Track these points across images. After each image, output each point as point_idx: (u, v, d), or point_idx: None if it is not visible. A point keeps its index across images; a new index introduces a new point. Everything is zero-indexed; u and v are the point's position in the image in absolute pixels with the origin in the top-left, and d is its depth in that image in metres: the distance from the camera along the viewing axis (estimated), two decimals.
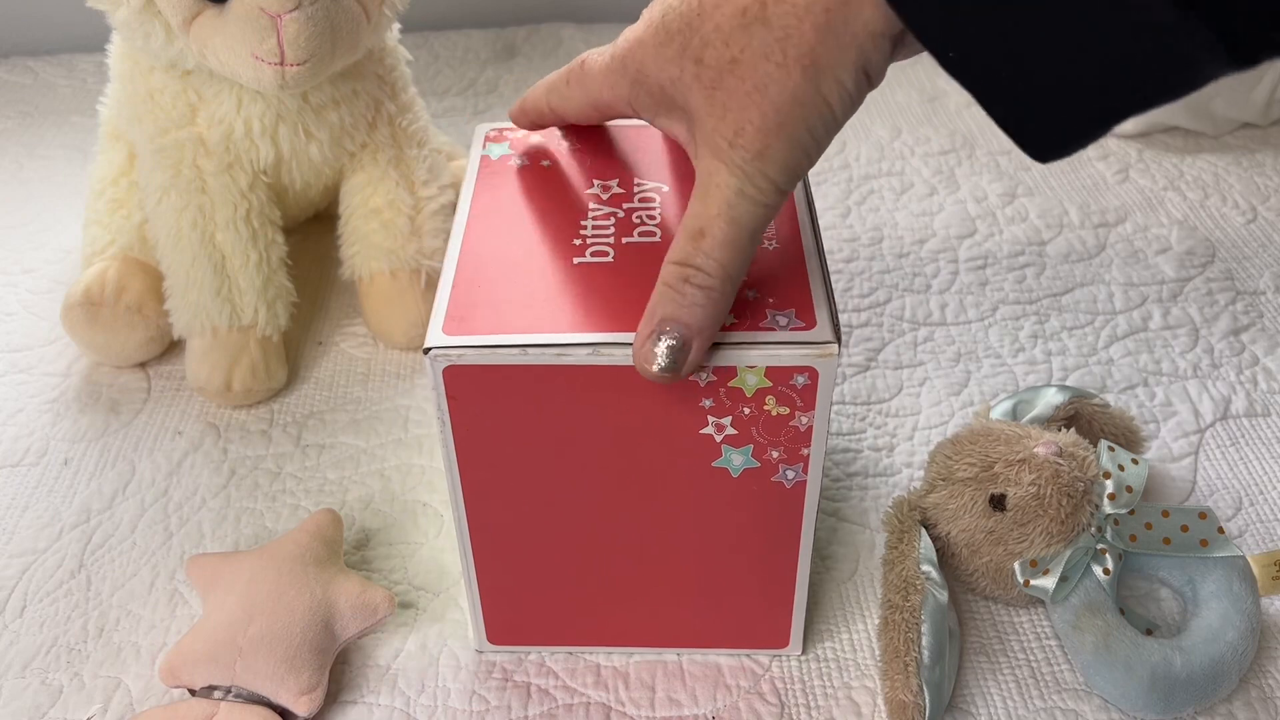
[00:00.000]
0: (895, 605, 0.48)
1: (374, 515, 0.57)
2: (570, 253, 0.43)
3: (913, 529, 0.50)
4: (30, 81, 0.99)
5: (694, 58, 0.36)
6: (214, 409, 0.64)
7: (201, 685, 0.47)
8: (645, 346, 0.37)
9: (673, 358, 0.37)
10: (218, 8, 0.57)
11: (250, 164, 0.64)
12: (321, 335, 0.70)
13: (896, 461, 0.60)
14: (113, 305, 0.64)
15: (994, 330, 0.69)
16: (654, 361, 0.37)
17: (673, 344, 0.37)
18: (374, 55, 0.67)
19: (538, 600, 0.48)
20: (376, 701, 0.49)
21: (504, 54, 1.03)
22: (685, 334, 0.37)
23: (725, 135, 0.35)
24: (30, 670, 0.50)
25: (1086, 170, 0.84)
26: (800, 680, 0.49)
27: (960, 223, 0.79)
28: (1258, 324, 0.69)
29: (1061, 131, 0.32)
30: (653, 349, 0.37)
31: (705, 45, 0.35)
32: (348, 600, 0.49)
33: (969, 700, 0.48)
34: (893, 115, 0.92)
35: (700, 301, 0.37)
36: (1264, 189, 0.82)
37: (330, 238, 0.70)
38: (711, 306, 0.37)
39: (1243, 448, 0.61)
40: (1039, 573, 0.49)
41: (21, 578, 0.54)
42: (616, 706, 0.48)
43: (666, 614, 0.49)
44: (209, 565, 0.51)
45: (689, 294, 0.37)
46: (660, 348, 0.37)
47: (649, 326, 0.38)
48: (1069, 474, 0.49)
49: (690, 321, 0.37)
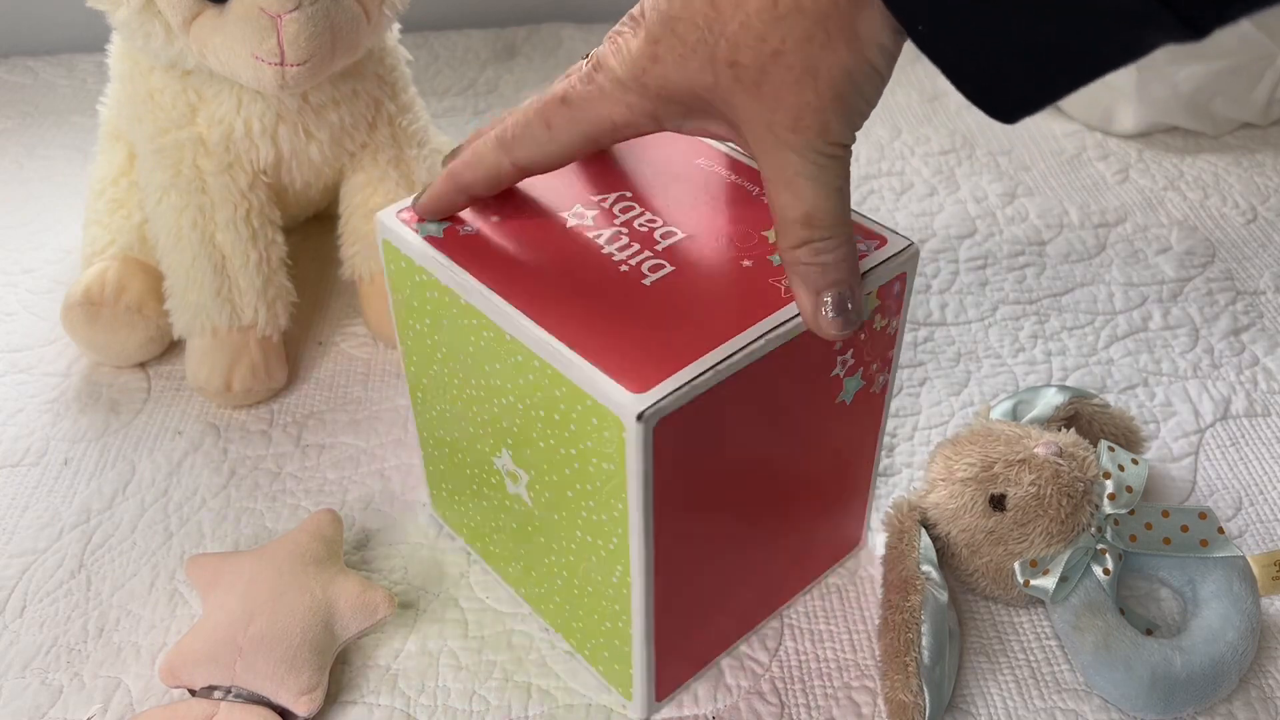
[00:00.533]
0: (895, 605, 0.48)
1: (374, 515, 0.57)
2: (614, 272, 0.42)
3: (913, 529, 0.50)
4: (30, 81, 0.99)
5: (727, 61, 0.36)
6: (214, 409, 0.64)
7: (201, 685, 0.47)
8: (818, 319, 0.40)
9: (848, 312, 0.40)
10: (218, 8, 0.57)
11: (250, 164, 0.64)
12: (321, 335, 0.70)
13: (896, 461, 0.60)
14: (113, 305, 0.64)
15: (994, 330, 0.69)
16: (837, 327, 0.40)
17: (841, 300, 0.39)
18: (374, 55, 0.67)
19: (700, 628, 0.47)
20: (376, 701, 0.49)
21: (504, 54, 1.03)
22: (844, 289, 0.39)
23: (785, 124, 0.37)
24: (30, 670, 0.50)
25: (1086, 170, 0.84)
26: (800, 680, 0.49)
27: (960, 223, 0.79)
28: (1258, 324, 0.69)
29: (1021, 98, 0.34)
30: (828, 314, 0.39)
31: (736, 47, 0.36)
32: (348, 600, 0.49)
33: (969, 700, 0.48)
34: (893, 115, 0.92)
35: (839, 259, 0.39)
36: (1264, 189, 0.82)
37: (330, 238, 0.70)
38: (850, 259, 0.40)
39: (1243, 448, 0.61)
40: (1039, 573, 0.49)
41: (21, 578, 0.54)
42: (617, 707, 0.48)
43: (779, 571, 0.49)
44: (209, 565, 0.52)
45: (826, 260, 0.39)
46: (831, 310, 0.39)
47: (810, 300, 0.39)
48: (1069, 474, 0.49)
49: (840, 278, 0.39)
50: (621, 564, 0.41)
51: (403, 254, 0.44)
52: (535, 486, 0.44)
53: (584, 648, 0.48)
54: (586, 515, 0.42)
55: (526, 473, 0.44)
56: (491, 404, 0.43)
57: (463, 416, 0.46)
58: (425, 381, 0.48)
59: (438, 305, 0.44)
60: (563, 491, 0.42)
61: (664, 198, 0.46)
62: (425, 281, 0.43)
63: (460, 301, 0.42)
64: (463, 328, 0.43)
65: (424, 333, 0.46)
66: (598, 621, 0.46)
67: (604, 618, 0.45)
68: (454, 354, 0.44)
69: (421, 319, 0.45)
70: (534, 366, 0.40)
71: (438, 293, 0.43)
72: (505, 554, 0.50)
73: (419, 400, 0.50)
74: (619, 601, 0.43)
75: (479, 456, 0.47)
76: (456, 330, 0.43)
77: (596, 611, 0.45)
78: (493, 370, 0.42)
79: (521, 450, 0.43)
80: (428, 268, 0.43)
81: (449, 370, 0.45)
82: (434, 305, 0.44)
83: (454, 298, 0.42)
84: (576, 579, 0.45)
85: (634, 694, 0.46)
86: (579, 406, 0.38)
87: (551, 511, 0.44)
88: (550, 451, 0.41)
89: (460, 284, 0.41)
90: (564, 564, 0.45)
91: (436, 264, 0.42)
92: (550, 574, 0.47)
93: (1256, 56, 0.83)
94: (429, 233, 0.43)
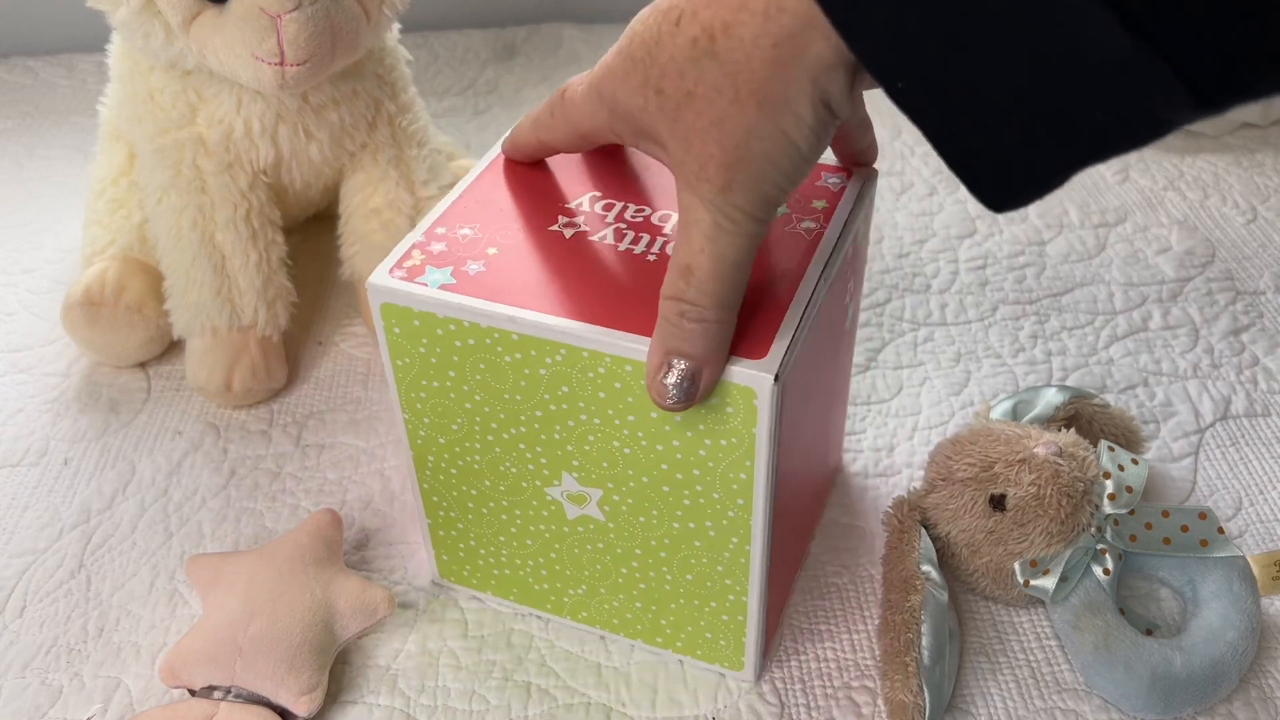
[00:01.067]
0: (895, 605, 0.48)
1: (374, 515, 0.57)
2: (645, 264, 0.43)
3: (913, 529, 0.50)
4: (30, 81, 0.99)
5: (655, 88, 0.35)
6: (214, 409, 0.64)
7: (201, 685, 0.47)
8: (657, 380, 0.38)
9: (684, 389, 0.38)
10: (217, 8, 0.57)
11: (250, 164, 0.64)
12: (321, 335, 0.70)
13: (896, 461, 0.60)
14: (113, 305, 0.64)
15: (994, 330, 0.69)
16: (666, 395, 0.38)
17: (682, 374, 0.37)
18: (374, 55, 0.67)
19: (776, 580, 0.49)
20: (376, 701, 0.49)
21: (504, 54, 1.03)
22: (693, 365, 0.37)
23: (692, 168, 0.35)
24: (30, 670, 0.50)
25: (1086, 170, 0.84)
26: (800, 680, 0.49)
27: (960, 223, 0.79)
28: (1258, 324, 0.69)
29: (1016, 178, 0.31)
30: (664, 381, 0.38)
31: (663, 75, 0.35)
32: (348, 600, 0.49)
33: (969, 700, 0.48)
34: (893, 115, 0.92)
35: (700, 334, 0.37)
36: (1264, 189, 0.82)
37: (330, 238, 0.70)
38: (711, 337, 0.37)
39: (1243, 448, 0.61)
40: (1039, 573, 0.49)
41: (21, 578, 0.54)
42: (617, 707, 0.48)
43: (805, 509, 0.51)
44: (209, 565, 0.51)
45: (688, 328, 0.37)
46: (671, 379, 0.37)
47: (656, 358, 0.38)
48: (1069, 474, 0.49)
49: (695, 353, 0.37)
50: (739, 533, 0.43)
51: (416, 312, 0.42)
52: (610, 500, 0.44)
53: (675, 641, 0.49)
54: (691, 502, 0.43)
55: (597, 489, 0.44)
56: (551, 433, 0.43)
57: (500, 462, 0.45)
58: (441, 442, 0.46)
59: (468, 353, 0.42)
60: (654, 490, 0.43)
61: (636, 185, 0.46)
62: (452, 332, 0.42)
63: (511, 338, 0.41)
64: (506, 366, 0.42)
65: (442, 390, 0.44)
66: (698, 606, 0.47)
67: (708, 598, 0.46)
68: (491, 397, 0.43)
69: (440, 377, 0.43)
70: (623, 373, 0.40)
71: (474, 339, 0.41)
72: (558, 587, 0.50)
73: (428, 466, 0.48)
74: (731, 574, 0.45)
75: (523, 497, 0.46)
76: (497, 372, 0.42)
77: (697, 596, 0.46)
78: (555, 397, 0.42)
79: (591, 469, 0.44)
80: (458, 316, 0.41)
81: (482, 419, 0.44)
82: (463, 354, 0.42)
83: (501, 335, 0.41)
84: (670, 573, 0.46)
85: (746, 661, 0.48)
86: None
87: (635, 516, 0.45)
88: (639, 455, 0.42)
89: (511, 319, 0.40)
90: (650, 564, 0.46)
91: (469, 310, 0.41)
92: (629, 583, 0.48)
93: None
94: (442, 281, 0.42)
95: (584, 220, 0.45)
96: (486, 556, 0.50)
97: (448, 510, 0.49)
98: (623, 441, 0.42)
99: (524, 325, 0.40)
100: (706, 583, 0.46)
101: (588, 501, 0.45)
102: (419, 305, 0.42)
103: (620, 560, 0.47)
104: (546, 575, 0.49)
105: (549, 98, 0.44)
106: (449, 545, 0.51)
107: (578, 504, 0.45)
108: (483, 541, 0.50)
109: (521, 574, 0.50)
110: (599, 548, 0.47)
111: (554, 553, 0.48)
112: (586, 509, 0.45)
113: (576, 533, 0.47)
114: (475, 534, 0.49)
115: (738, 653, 0.48)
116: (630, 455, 0.42)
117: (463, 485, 0.48)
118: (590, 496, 0.45)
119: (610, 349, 0.39)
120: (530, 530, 0.48)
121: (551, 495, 0.46)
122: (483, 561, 0.50)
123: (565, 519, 0.46)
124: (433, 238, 0.44)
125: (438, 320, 0.41)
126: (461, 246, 0.43)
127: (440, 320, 0.41)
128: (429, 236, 0.44)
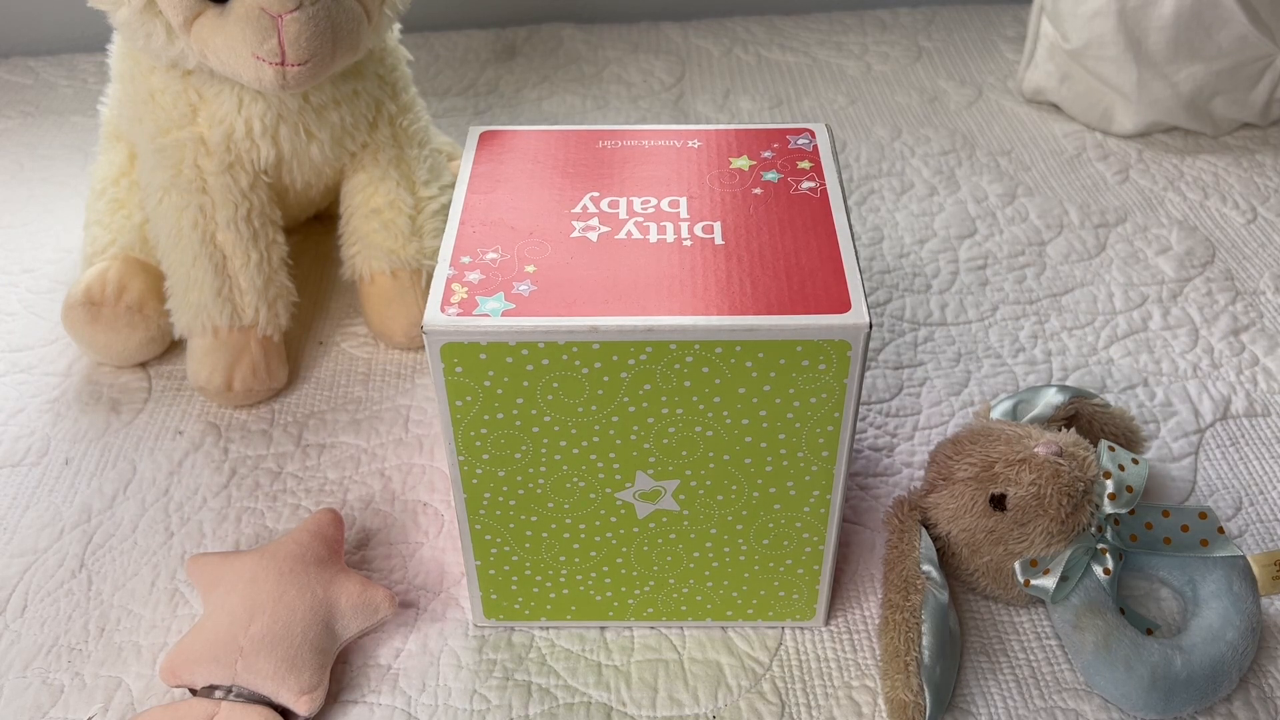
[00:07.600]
0: (895, 605, 0.48)
1: (374, 515, 0.57)
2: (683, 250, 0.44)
3: (913, 529, 0.50)
4: (31, 81, 0.99)
5: None
6: (215, 409, 0.64)
7: (202, 685, 0.47)
8: None
9: None
10: (218, 8, 0.57)
11: (251, 164, 0.64)
12: (322, 335, 0.70)
13: (896, 461, 0.60)
14: (113, 305, 0.64)
15: (994, 330, 0.69)
16: None
17: None
18: (375, 55, 0.67)
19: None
20: (377, 701, 0.49)
21: (504, 54, 1.03)
22: None
23: None
24: (31, 670, 0.50)
25: (1086, 170, 0.85)
26: (800, 680, 0.49)
27: (960, 223, 0.79)
28: (1258, 324, 0.69)
29: None
30: None
31: None
32: (348, 600, 0.50)
33: (969, 700, 0.48)
34: (893, 115, 0.92)
35: None
36: (1264, 189, 0.82)
37: (331, 238, 0.70)
38: None
39: (1243, 448, 0.61)
40: (1039, 573, 0.49)
41: (22, 577, 0.54)
42: (617, 706, 0.48)
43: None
44: (210, 565, 0.52)
45: None
46: None
47: None
48: (1069, 474, 0.49)
49: None
50: (820, 485, 0.45)
51: (483, 345, 0.41)
52: (687, 487, 0.46)
53: (745, 610, 0.51)
54: (774, 466, 0.45)
55: (674, 480, 0.45)
56: (627, 435, 0.44)
57: (567, 479, 0.45)
58: (501, 475, 0.45)
59: (540, 375, 0.42)
60: (735, 465, 0.45)
61: (622, 177, 0.47)
62: (524, 357, 0.41)
63: (591, 348, 0.41)
64: (582, 379, 0.42)
65: (506, 421, 0.43)
66: (773, 569, 0.49)
67: (783, 558, 0.48)
68: (563, 414, 0.43)
69: (505, 408, 0.43)
70: (711, 356, 0.41)
71: (548, 359, 0.41)
72: (623, 591, 0.50)
73: (482, 505, 0.47)
74: (810, 527, 0.47)
75: (591, 509, 0.46)
76: (571, 386, 0.42)
77: (773, 559, 0.48)
78: (635, 397, 0.42)
79: (668, 461, 0.45)
80: (530, 340, 0.41)
81: (550, 439, 0.44)
82: (534, 377, 0.42)
83: (581, 348, 0.41)
84: (745, 543, 0.48)
85: (818, 609, 0.51)
86: (780, 360, 0.41)
87: (714, 495, 0.46)
88: (721, 436, 0.44)
89: (594, 329, 0.40)
90: (725, 540, 0.48)
91: (543, 331, 0.40)
92: (701, 565, 0.49)
93: (1256, 56, 0.83)
94: (502, 309, 0.41)
95: (599, 221, 0.45)
96: (543, 583, 0.50)
97: (501, 545, 0.48)
98: (705, 425, 0.43)
99: (607, 333, 0.41)
100: (784, 542, 0.48)
101: (662, 495, 0.46)
102: (486, 338, 0.41)
103: (694, 545, 0.48)
104: (611, 583, 0.49)
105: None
106: (499, 583, 0.50)
107: (651, 500, 0.46)
108: (539, 568, 0.49)
109: (582, 589, 0.50)
110: (671, 539, 0.48)
111: (620, 557, 0.48)
112: (661, 503, 0.46)
113: (648, 530, 0.47)
114: (531, 562, 0.49)
115: (810, 603, 0.50)
116: (713, 438, 0.44)
117: (521, 514, 0.47)
118: (664, 490, 0.46)
119: (697, 336, 0.40)
120: (595, 541, 0.48)
121: (622, 499, 0.46)
122: (537, 589, 0.50)
123: (636, 520, 0.47)
124: (463, 268, 0.43)
125: (508, 349, 0.41)
126: (496, 271, 0.43)
127: (511, 349, 0.41)
128: (458, 268, 0.43)
